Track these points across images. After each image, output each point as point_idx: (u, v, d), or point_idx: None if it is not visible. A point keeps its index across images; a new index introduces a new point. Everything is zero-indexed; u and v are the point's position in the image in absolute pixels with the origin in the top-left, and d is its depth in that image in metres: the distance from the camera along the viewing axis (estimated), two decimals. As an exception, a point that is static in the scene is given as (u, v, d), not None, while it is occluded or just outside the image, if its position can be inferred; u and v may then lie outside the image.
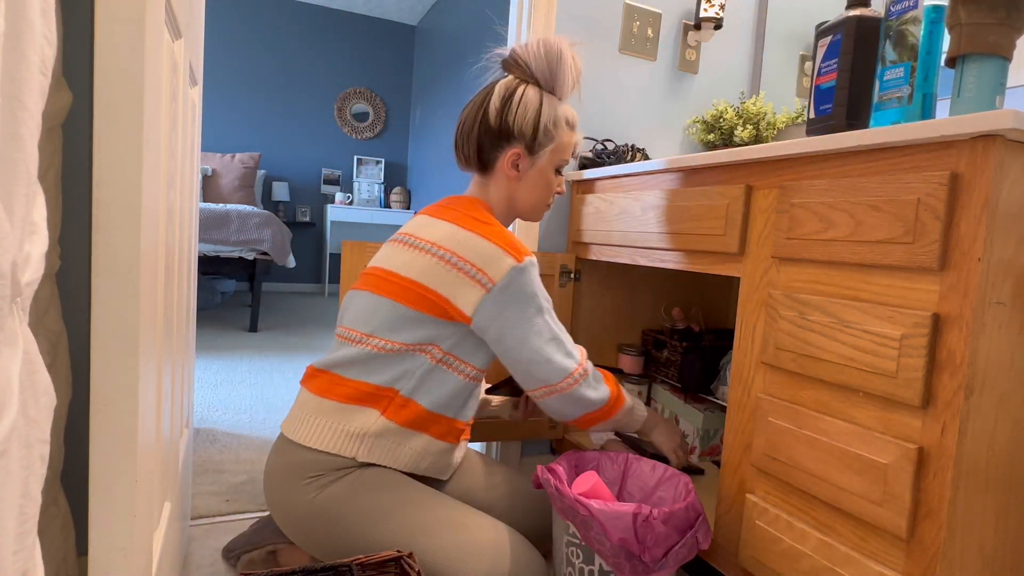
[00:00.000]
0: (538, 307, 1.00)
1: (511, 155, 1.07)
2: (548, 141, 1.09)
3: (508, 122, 1.06)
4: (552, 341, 1.01)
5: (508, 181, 1.10)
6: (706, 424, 1.50)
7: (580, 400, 1.03)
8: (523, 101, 1.06)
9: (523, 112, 1.06)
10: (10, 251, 0.29)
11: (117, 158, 0.55)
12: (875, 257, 0.82)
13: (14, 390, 0.30)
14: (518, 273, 0.98)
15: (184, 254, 0.99)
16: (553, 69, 1.07)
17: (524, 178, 1.10)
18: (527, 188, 1.11)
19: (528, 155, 1.08)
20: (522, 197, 1.12)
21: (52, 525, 0.82)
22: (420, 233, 1.02)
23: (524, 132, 1.06)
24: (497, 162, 1.09)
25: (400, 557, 0.87)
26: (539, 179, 1.11)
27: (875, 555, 0.81)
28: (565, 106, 1.10)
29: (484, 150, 1.09)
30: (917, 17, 0.91)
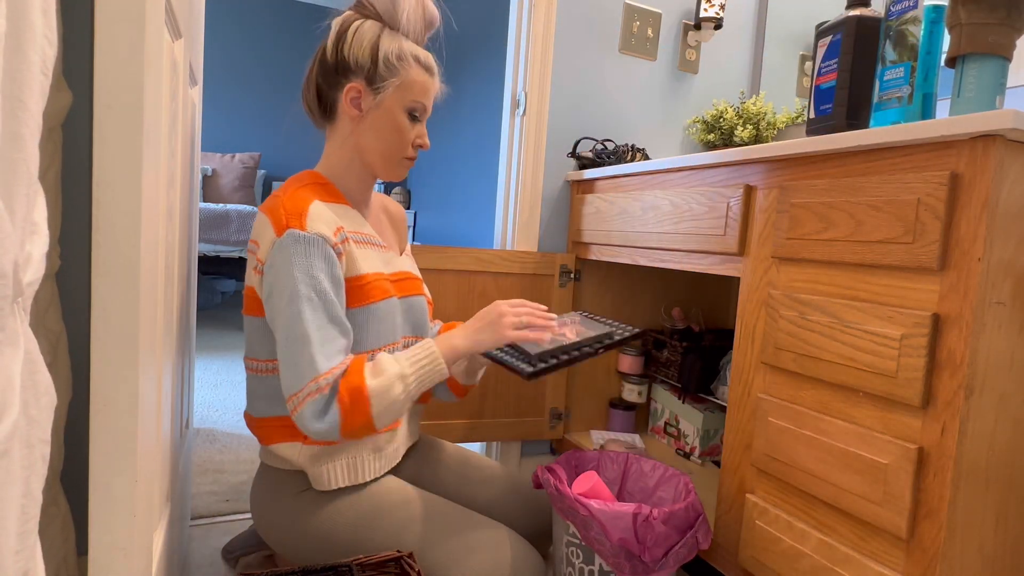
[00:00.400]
0: (293, 293, 0.83)
1: (349, 89, 0.94)
2: (391, 74, 0.94)
3: (344, 54, 0.94)
4: (298, 339, 0.83)
5: (351, 124, 0.97)
6: (706, 424, 1.50)
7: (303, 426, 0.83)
8: (359, 31, 0.94)
9: (358, 41, 0.93)
10: (11, 251, 0.29)
11: (117, 158, 0.55)
12: (875, 257, 0.82)
13: (15, 390, 0.30)
14: (277, 250, 0.84)
15: (184, 254, 0.99)
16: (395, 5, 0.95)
17: (367, 118, 0.96)
18: (373, 131, 0.96)
19: (369, 89, 0.94)
20: (369, 144, 0.97)
21: (52, 525, 0.82)
22: None
23: (361, 63, 0.94)
24: (338, 104, 0.96)
25: (400, 557, 0.87)
26: (385, 120, 0.96)
27: (875, 555, 0.81)
28: (415, 46, 0.97)
29: (323, 92, 0.97)
30: (917, 17, 0.91)
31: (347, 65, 0.94)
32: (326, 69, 0.96)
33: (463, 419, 1.51)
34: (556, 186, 1.65)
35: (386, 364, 0.88)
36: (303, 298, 0.83)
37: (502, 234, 1.67)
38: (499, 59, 3.48)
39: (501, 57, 3.44)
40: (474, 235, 3.76)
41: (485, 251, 1.49)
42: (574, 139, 1.67)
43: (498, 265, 1.50)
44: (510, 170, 1.64)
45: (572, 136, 1.67)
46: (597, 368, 1.68)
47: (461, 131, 4.10)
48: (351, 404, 0.83)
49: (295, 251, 0.84)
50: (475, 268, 1.48)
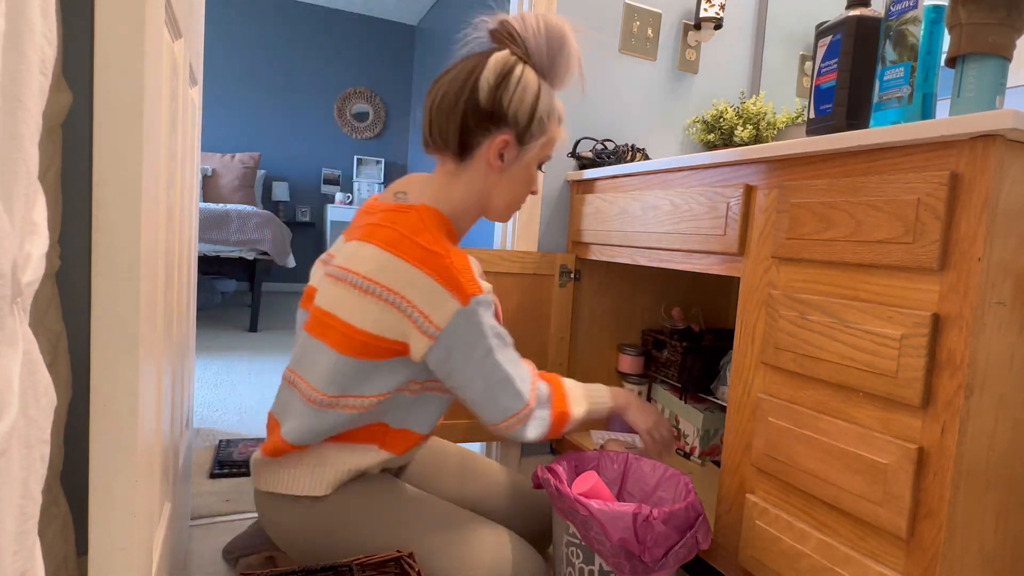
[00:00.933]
0: (487, 349, 0.88)
1: (499, 142, 0.93)
2: (540, 133, 0.95)
3: (503, 103, 0.91)
4: (499, 383, 0.91)
5: (488, 172, 0.96)
6: (706, 424, 1.50)
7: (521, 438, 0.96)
8: (522, 82, 0.91)
9: (521, 95, 0.91)
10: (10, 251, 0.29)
11: (117, 158, 0.55)
12: (875, 257, 0.82)
13: (14, 390, 0.30)
14: (464, 318, 0.86)
15: (184, 254, 0.99)
16: (554, 54, 0.93)
17: (507, 170, 0.96)
18: (508, 182, 0.97)
19: (517, 145, 0.95)
20: (499, 192, 0.98)
21: (52, 525, 0.82)
22: (352, 265, 0.88)
23: (518, 118, 0.92)
24: (480, 148, 0.94)
25: (400, 557, 0.87)
26: (522, 174, 0.98)
27: (875, 555, 0.81)
28: (558, 99, 0.98)
29: (467, 131, 0.93)
30: (917, 17, 0.91)
31: (504, 115, 0.92)
32: (478, 109, 0.92)
33: (464, 419, 1.51)
34: (556, 186, 1.65)
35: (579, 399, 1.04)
36: (495, 349, 0.90)
37: (502, 234, 1.67)
38: (499, 59, 3.47)
39: (501, 57, 3.43)
40: (474, 235, 3.76)
41: (485, 251, 1.49)
42: (574, 139, 1.67)
43: (498, 265, 1.50)
44: (510, 170, 1.64)
45: (572, 136, 1.67)
46: (597, 368, 1.68)
47: (461, 131, 4.09)
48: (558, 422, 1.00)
49: (482, 314, 0.88)
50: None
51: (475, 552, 0.94)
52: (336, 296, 0.89)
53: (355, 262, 0.88)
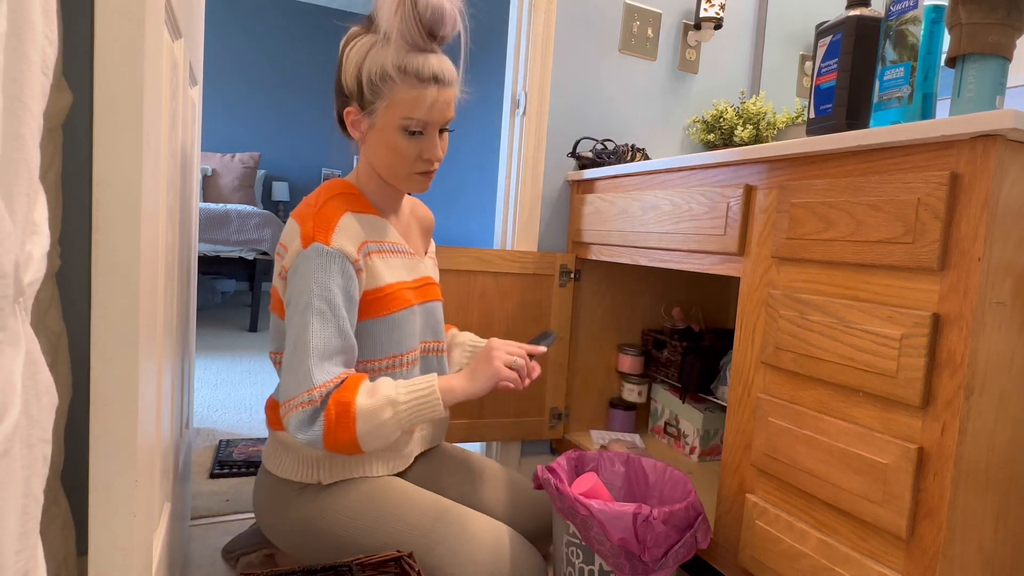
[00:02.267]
0: (305, 304, 0.85)
1: (347, 114, 0.96)
2: (376, 96, 0.91)
3: (339, 79, 0.95)
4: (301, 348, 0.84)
5: (361, 147, 0.99)
6: (706, 424, 1.50)
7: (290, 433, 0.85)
8: (349, 54, 0.92)
9: (347, 66, 0.92)
10: (12, 251, 0.29)
11: (117, 158, 0.55)
12: (875, 257, 0.82)
13: (16, 390, 0.30)
14: (302, 260, 0.86)
15: (184, 254, 0.99)
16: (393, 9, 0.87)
17: (367, 140, 0.96)
18: (374, 152, 0.96)
19: (363, 112, 0.94)
20: (376, 162, 0.97)
21: (53, 525, 0.82)
22: None
23: (351, 88, 0.93)
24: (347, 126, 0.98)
25: (400, 557, 0.87)
26: (380, 141, 0.94)
27: (875, 555, 0.82)
28: (407, 55, 0.89)
29: (338, 113, 0.99)
30: (917, 17, 0.91)
31: (343, 90, 0.95)
32: (336, 91, 0.98)
33: (463, 419, 1.51)
34: (556, 186, 1.65)
35: (382, 387, 0.88)
36: (314, 310, 0.85)
37: (502, 234, 1.67)
38: (499, 59, 3.48)
39: (501, 57, 3.44)
40: (474, 235, 3.76)
41: (485, 251, 1.49)
42: (574, 139, 1.67)
43: (498, 265, 1.50)
44: (510, 170, 1.64)
45: (572, 136, 1.67)
46: (597, 368, 1.68)
47: (461, 131, 4.09)
48: (336, 419, 0.83)
49: (316, 264, 0.86)
50: (475, 268, 1.48)
51: (474, 548, 0.94)
52: None
53: None
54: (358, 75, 0.91)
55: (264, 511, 0.98)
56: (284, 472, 0.97)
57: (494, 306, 1.52)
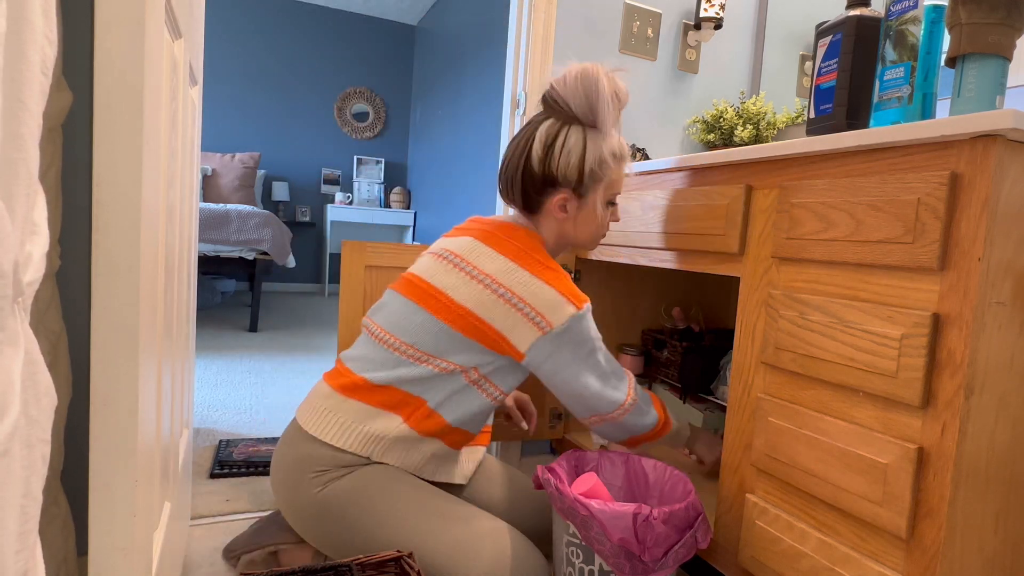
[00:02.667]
0: (591, 349, 1.03)
1: (559, 200, 1.07)
2: (595, 182, 1.07)
3: (552, 169, 1.04)
4: (603, 376, 1.05)
5: (558, 222, 1.10)
6: (706, 424, 1.49)
7: (630, 427, 1.09)
8: (565, 147, 1.03)
9: (566, 159, 1.03)
10: (11, 251, 0.29)
11: (117, 158, 0.55)
12: (875, 257, 0.82)
13: (16, 390, 0.30)
14: (576, 321, 1.00)
15: (184, 254, 0.99)
16: (592, 104, 1.03)
17: (575, 218, 1.10)
18: (579, 226, 1.11)
19: (576, 198, 1.07)
20: (575, 234, 1.12)
21: (52, 525, 0.82)
22: (472, 259, 1.02)
23: (569, 178, 1.05)
24: (545, 204, 1.08)
25: (400, 557, 0.87)
26: (590, 216, 1.10)
27: (875, 555, 0.81)
28: (612, 139, 1.06)
29: (530, 196, 1.08)
30: (917, 17, 0.91)
31: (555, 179, 1.05)
32: (534, 178, 1.06)
33: (463, 419, 1.51)
34: (556, 186, 1.65)
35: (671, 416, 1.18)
36: (598, 350, 1.04)
37: (502, 234, 1.67)
38: (499, 59, 3.48)
39: (501, 57, 3.44)
40: (474, 235, 3.74)
41: (485, 251, 1.49)
42: (574, 139, 1.67)
43: (498, 265, 1.50)
44: (510, 170, 1.64)
45: (572, 136, 1.67)
46: (597, 368, 1.68)
47: (461, 131, 4.09)
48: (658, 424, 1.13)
49: (590, 320, 1.03)
50: (475, 268, 1.48)
51: (475, 548, 0.94)
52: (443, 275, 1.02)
53: (476, 259, 1.02)
54: (581, 166, 1.04)
55: (285, 483, 1.00)
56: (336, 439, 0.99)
57: (494, 306, 1.52)
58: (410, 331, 1.01)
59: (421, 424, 1.00)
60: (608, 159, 1.06)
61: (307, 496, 0.98)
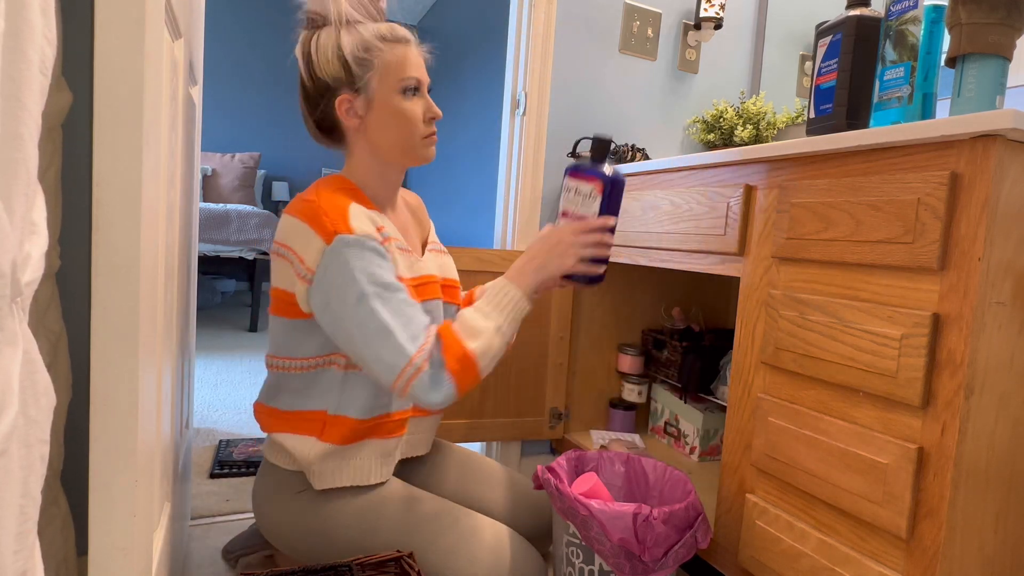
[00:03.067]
0: (359, 294, 0.84)
1: (339, 104, 0.94)
2: (366, 68, 0.93)
3: (318, 76, 0.93)
4: (377, 333, 0.84)
5: (357, 133, 0.96)
6: (706, 424, 1.50)
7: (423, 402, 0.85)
8: (319, 48, 0.93)
9: (323, 58, 0.92)
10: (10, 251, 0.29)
11: (117, 158, 0.55)
12: (875, 257, 0.82)
13: (14, 390, 0.30)
14: (330, 258, 0.84)
15: (184, 254, 0.99)
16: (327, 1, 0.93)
17: (368, 120, 0.95)
18: (379, 129, 0.95)
19: (355, 94, 0.94)
20: (382, 141, 0.96)
21: (52, 525, 0.82)
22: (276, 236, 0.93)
23: (336, 76, 0.93)
24: (336, 122, 0.96)
25: (400, 557, 0.87)
26: (385, 112, 0.94)
27: (875, 555, 0.81)
28: (371, 26, 0.94)
29: (320, 120, 0.97)
30: (917, 17, 0.91)
31: (326, 84, 0.94)
32: (311, 98, 0.96)
33: (463, 419, 1.51)
34: (556, 186, 1.65)
35: (478, 323, 0.90)
36: (371, 296, 0.84)
37: (502, 234, 1.67)
38: (499, 59, 3.48)
39: (501, 57, 3.44)
40: (474, 235, 3.76)
41: (485, 251, 1.49)
42: (574, 139, 1.67)
43: (498, 265, 1.50)
44: (510, 170, 1.64)
45: (572, 136, 1.67)
46: (597, 368, 1.68)
47: (461, 131, 4.10)
48: (462, 370, 0.86)
49: (350, 254, 0.84)
50: (475, 268, 1.48)
51: (474, 548, 0.94)
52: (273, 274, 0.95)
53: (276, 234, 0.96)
54: (341, 58, 0.92)
55: (265, 512, 0.98)
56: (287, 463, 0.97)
57: (494, 306, 1.51)
58: (273, 341, 0.98)
59: (333, 435, 0.93)
60: (375, 42, 0.93)
61: (291, 519, 0.96)
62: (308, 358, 0.94)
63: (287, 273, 0.90)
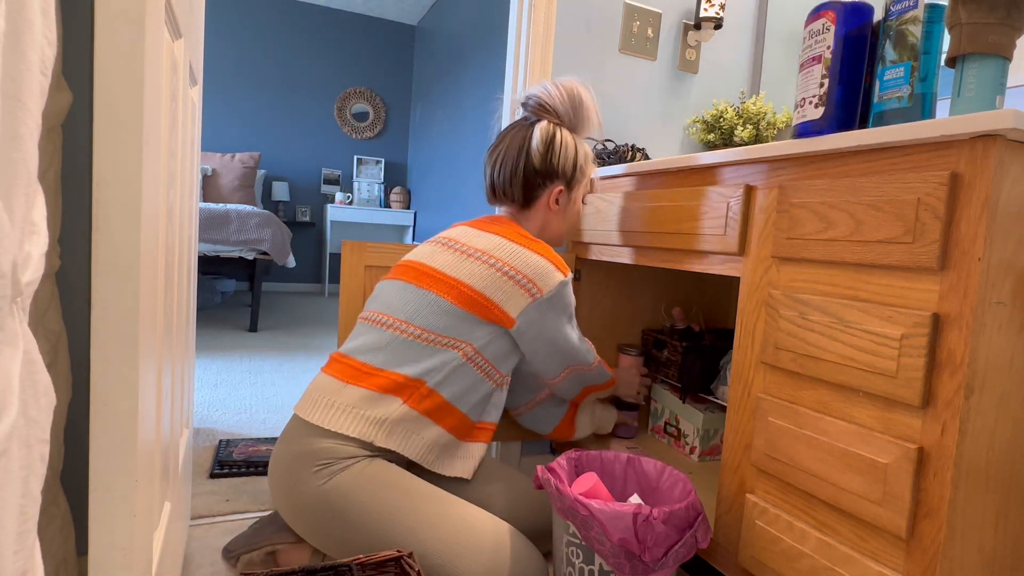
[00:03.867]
0: (571, 315, 1.17)
1: (556, 192, 1.23)
2: (582, 177, 1.26)
3: (553, 164, 1.20)
4: (579, 336, 1.22)
5: (547, 214, 1.25)
6: (706, 424, 1.49)
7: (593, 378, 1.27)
8: (564, 144, 1.21)
9: (565, 154, 1.21)
10: (10, 251, 0.29)
11: (117, 158, 0.55)
12: (875, 257, 0.82)
13: (14, 390, 0.30)
14: (563, 287, 1.12)
15: (184, 254, 0.99)
16: (577, 113, 1.23)
17: (563, 211, 1.26)
18: (565, 219, 1.28)
19: (567, 191, 1.25)
20: (557, 227, 1.28)
21: (52, 525, 0.82)
22: (466, 241, 1.13)
23: (566, 172, 1.22)
24: (540, 198, 1.23)
25: (400, 557, 0.87)
26: (574, 211, 1.29)
27: (875, 555, 0.81)
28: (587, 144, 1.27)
29: (529, 188, 1.22)
30: (917, 17, 0.91)
31: (555, 172, 1.22)
32: (536, 172, 1.21)
33: (463, 419, 1.51)
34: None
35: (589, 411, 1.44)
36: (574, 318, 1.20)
37: (502, 234, 1.67)
38: (499, 59, 3.48)
39: (501, 57, 3.44)
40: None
41: (485, 251, 1.49)
42: (574, 139, 1.67)
43: (498, 265, 1.50)
44: (510, 170, 1.64)
45: (572, 136, 1.67)
46: (597, 368, 1.67)
47: (461, 131, 4.10)
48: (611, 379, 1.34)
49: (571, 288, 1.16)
50: (475, 268, 1.48)
51: (475, 546, 0.94)
52: (440, 257, 1.12)
53: (470, 240, 1.13)
54: (575, 161, 1.23)
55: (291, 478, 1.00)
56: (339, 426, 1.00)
57: (494, 306, 1.52)
58: (406, 309, 1.09)
59: (421, 404, 1.03)
60: (591, 158, 1.27)
61: (307, 491, 0.98)
62: (443, 335, 1.07)
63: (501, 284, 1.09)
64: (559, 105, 1.22)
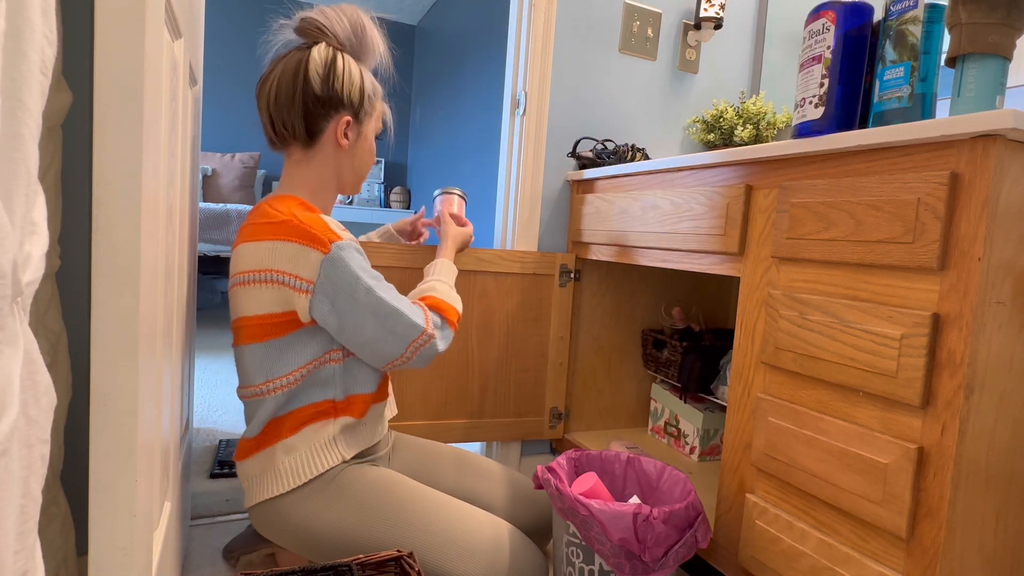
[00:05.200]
0: (366, 287, 0.95)
1: (343, 123, 1.04)
2: (371, 108, 1.08)
3: (336, 89, 1.01)
4: (390, 315, 0.97)
5: (337, 151, 1.06)
6: (706, 424, 1.50)
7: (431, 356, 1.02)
8: (348, 70, 1.03)
9: (350, 80, 1.03)
10: (10, 251, 0.29)
11: (117, 158, 0.55)
12: (875, 257, 0.82)
13: (15, 390, 0.30)
14: (331, 265, 0.93)
15: (184, 254, 0.99)
16: (362, 40, 1.07)
17: (352, 146, 1.07)
18: (355, 157, 1.09)
19: (356, 123, 1.06)
20: (351, 166, 1.09)
21: (52, 525, 0.82)
22: (239, 268, 0.97)
23: (352, 100, 1.04)
24: (325, 132, 1.04)
25: (400, 557, 0.87)
26: (366, 147, 1.10)
27: (875, 555, 0.81)
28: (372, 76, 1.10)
29: (311, 119, 1.02)
30: (917, 17, 0.91)
31: (340, 100, 1.03)
32: (316, 98, 1.01)
33: (463, 419, 1.51)
34: (556, 186, 1.65)
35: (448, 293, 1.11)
36: (374, 288, 0.96)
37: (502, 234, 1.67)
38: (499, 59, 3.48)
39: (501, 57, 3.44)
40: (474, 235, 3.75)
41: (485, 251, 1.49)
42: (574, 139, 1.67)
43: (498, 265, 1.50)
44: (510, 170, 1.64)
45: (572, 136, 1.67)
46: (597, 368, 1.68)
47: (461, 131, 4.10)
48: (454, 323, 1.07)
49: (347, 257, 0.94)
50: (475, 268, 1.48)
51: (474, 546, 0.94)
52: (234, 302, 0.99)
53: (240, 265, 0.96)
54: (362, 88, 1.05)
55: (266, 522, 0.98)
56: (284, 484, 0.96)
57: (494, 306, 1.52)
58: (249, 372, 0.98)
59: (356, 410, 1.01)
60: (378, 90, 1.10)
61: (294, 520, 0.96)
62: (298, 368, 0.97)
63: (273, 296, 0.94)
64: (339, 30, 1.04)
